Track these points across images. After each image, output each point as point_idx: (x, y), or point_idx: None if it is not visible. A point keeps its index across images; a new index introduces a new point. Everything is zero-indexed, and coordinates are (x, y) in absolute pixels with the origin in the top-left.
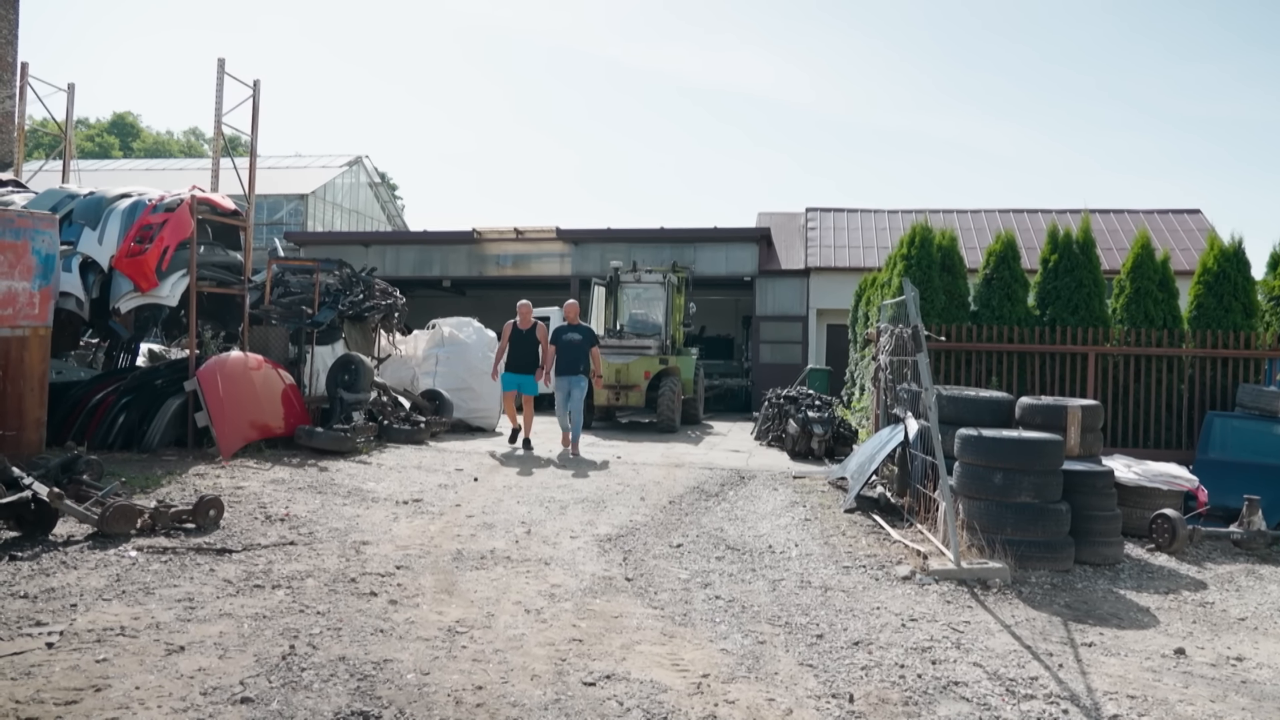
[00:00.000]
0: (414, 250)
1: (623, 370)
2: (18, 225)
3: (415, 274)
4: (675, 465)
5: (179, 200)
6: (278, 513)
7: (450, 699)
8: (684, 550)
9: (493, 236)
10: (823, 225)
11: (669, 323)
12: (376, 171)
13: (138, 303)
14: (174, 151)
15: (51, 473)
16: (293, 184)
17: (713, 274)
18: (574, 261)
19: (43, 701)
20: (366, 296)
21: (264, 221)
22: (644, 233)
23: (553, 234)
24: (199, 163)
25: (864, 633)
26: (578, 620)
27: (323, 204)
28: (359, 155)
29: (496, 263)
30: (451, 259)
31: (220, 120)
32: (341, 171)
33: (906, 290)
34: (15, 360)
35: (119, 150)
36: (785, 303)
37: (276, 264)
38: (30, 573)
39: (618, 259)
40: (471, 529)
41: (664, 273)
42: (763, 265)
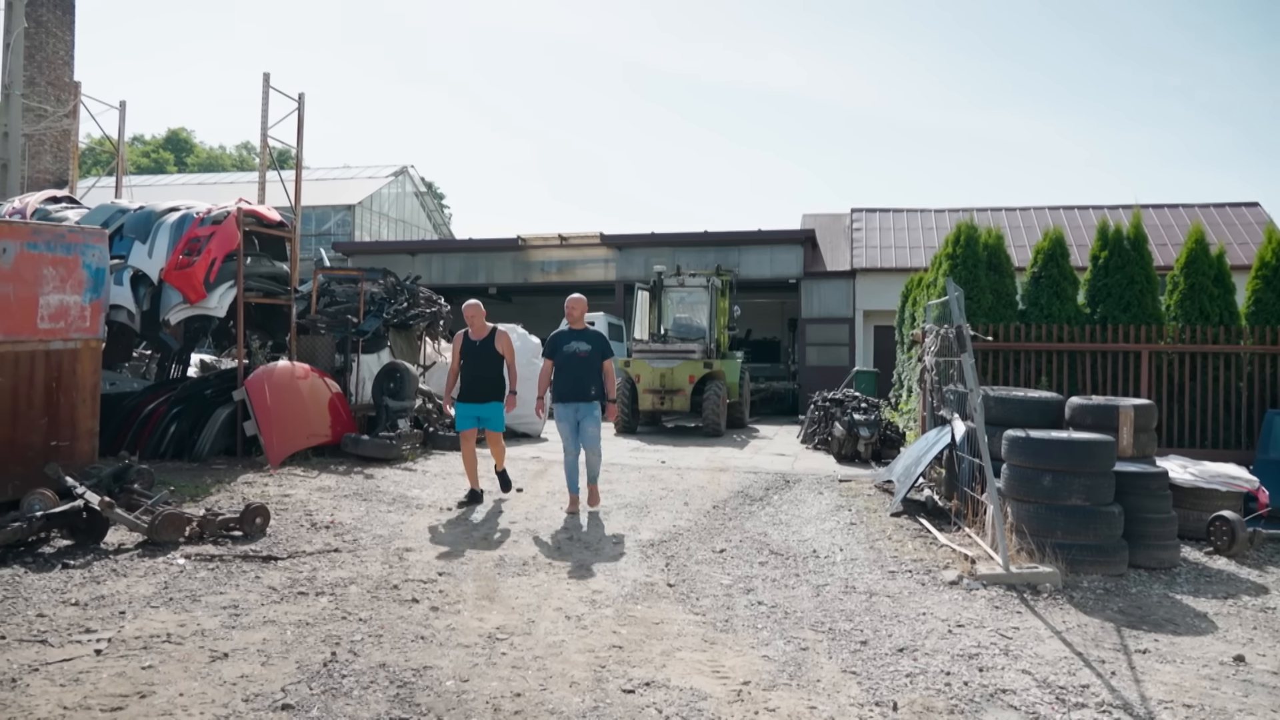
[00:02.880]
0: (460, 258)
1: (667, 374)
2: (69, 240)
3: (461, 281)
4: (720, 469)
5: (225, 213)
6: (323, 520)
7: (489, 706)
8: (727, 555)
9: (537, 243)
10: (868, 226)
11: (713, 326)
12: (422, 181)
13: (187, 314)
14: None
15: (103, 482)
16: (341, 195)
17: (757, 277)
18: (618, 266)
19: (89, 708)
20: (411, 305)
21: (313, 232)
22: (687, 236)
23: (597, 239)
24: (248, 176)
25: (909, 639)
26: (618, 626)
27: (370, 214)
28: (405, 165)
29: (541, 269)
30: (497, 266)
31: (266, 133)
32: (388, 182)
33: (950, 290)
34: (68, 372)
35: (174, 166)
36: (831, 305)
37: (322, 274)
38: (81, 580)
39: (661, 263)
40: (515, 535)
41: (708, 276)
42: (808, 267)
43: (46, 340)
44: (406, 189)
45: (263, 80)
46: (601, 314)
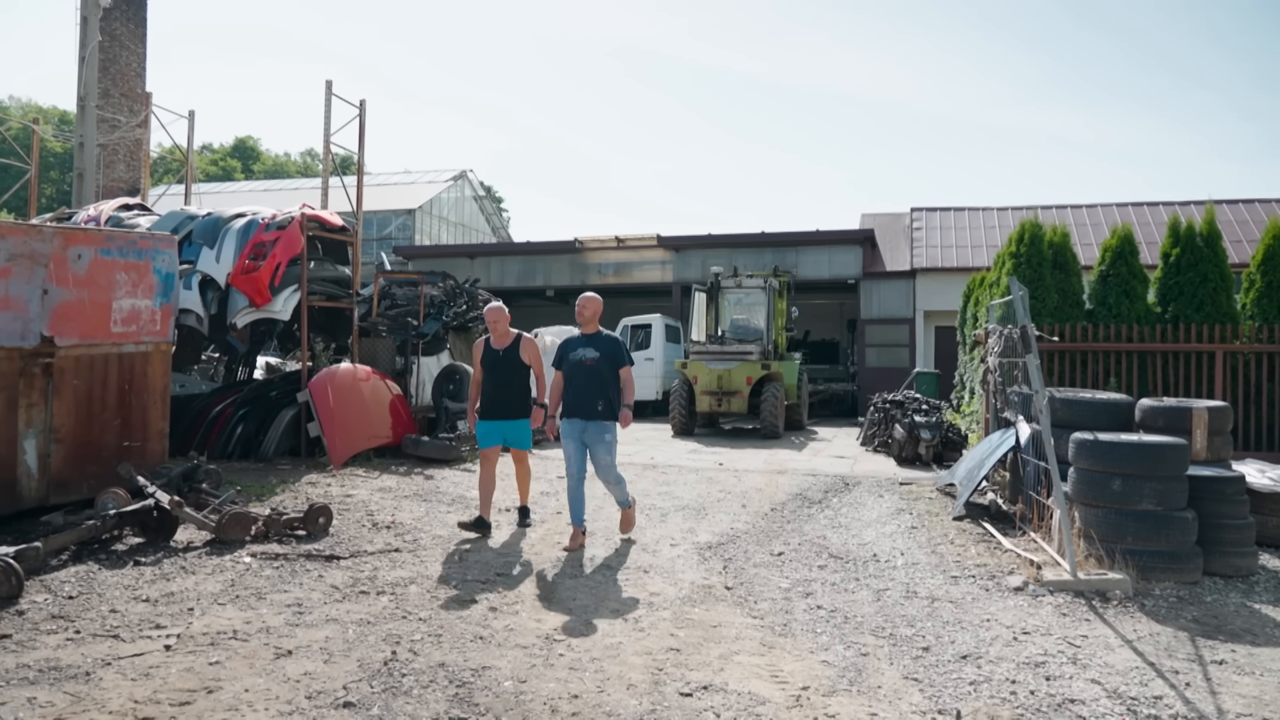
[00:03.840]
0: (518, 261)
1: (724, 376)
2: (140, 246)
3: (519, 284)
4: (778, 472)
5: (290, 218)
6: (384, 520)
7: (546, 707)
8: (785, 558)
9: (594, 245)
10: (928, 225)
11: (771, 328)
12: (481, 185)
13: (253, 317)
14: (291, 172)
15: (173, 481)
16: (401, 200)
17: (815, 277)
18: (675, 268)
19: (159, 702)
20: (470, 307)
21: (374, 237)
22: (744, 238)
23: (653, 241)
24: (312, 182)
25: (973, 646)
26: (676, 629)
27: (430, 218)
28: (464, 170)
29: (598, 271)
30: (554, 269)
31: (328, 140)
32: (447, 186)
33: (1014, 289)
34: (139, 374)
35: (241, 173)
36: (891, 305)
37: (383, 277)
38: (152, 577)
39: (718, 264)
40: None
41: (765, 277)
42: (867, 267)
43: (119, 343)
44: (465, 193)
45: (325, 88)
46: (659, 315)
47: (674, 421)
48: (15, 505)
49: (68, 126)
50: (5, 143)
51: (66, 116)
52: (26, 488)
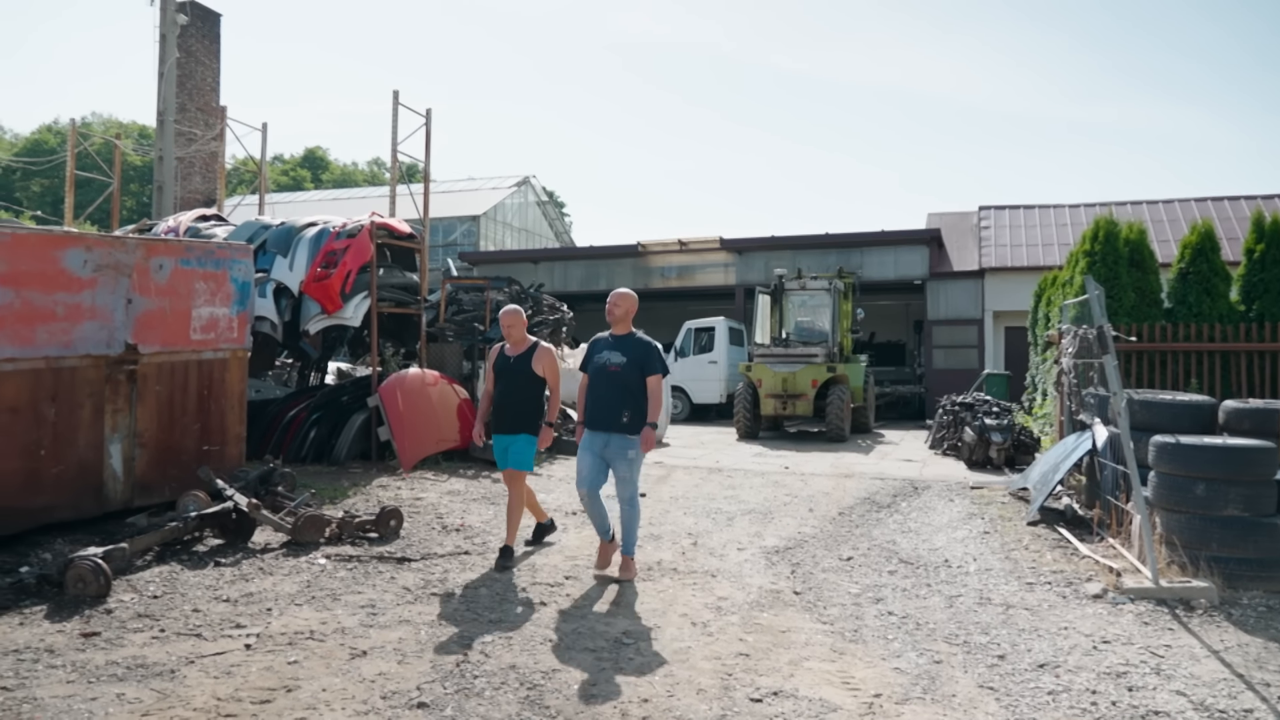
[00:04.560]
0: (581, 265)
1: (789, 379)
2: (218, 256)
3: (583, 288)
4: (845, 475)
5: (360, 227)
6: (454, 523)
7: (616, 711)
8: (854, 563)
9: (657, 249)
10: (997, 224)
11: (836, 329)
12: (544, 190)
13: (325, 324)
14: (359, 181)
15: (250, 485)
16: (465, 206)
17: (881, 278)
18: (738, 271)
19: (240, 700)
20: (535, 311)
21: (440, 243)
22: (808, 239)
23: (716, 244)
24: (379, 190)
25: (1050, 654)
26: (745, 634)
27: (494, 224)
28: (527, 176)
29: (661, 275)
30: (617, 272)
31: (396, 149)
32: (511, 192)
33: (1089, 288)
34: (217, 380)
35: (310, 183)
36: (959, 305)
37: (450, 283)
38: (232, 578)
39: (782, 266)
40: (639, 540)
41: (830, 279)
42: (934, 268)
43: (199, 350)
44: (529, 199)
45: (392, 98)
46: (722, 318)
47: (738, 425)
48: (102, 507)
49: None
50: (89, 157)
51: (145, 131)
52: (112, 490)
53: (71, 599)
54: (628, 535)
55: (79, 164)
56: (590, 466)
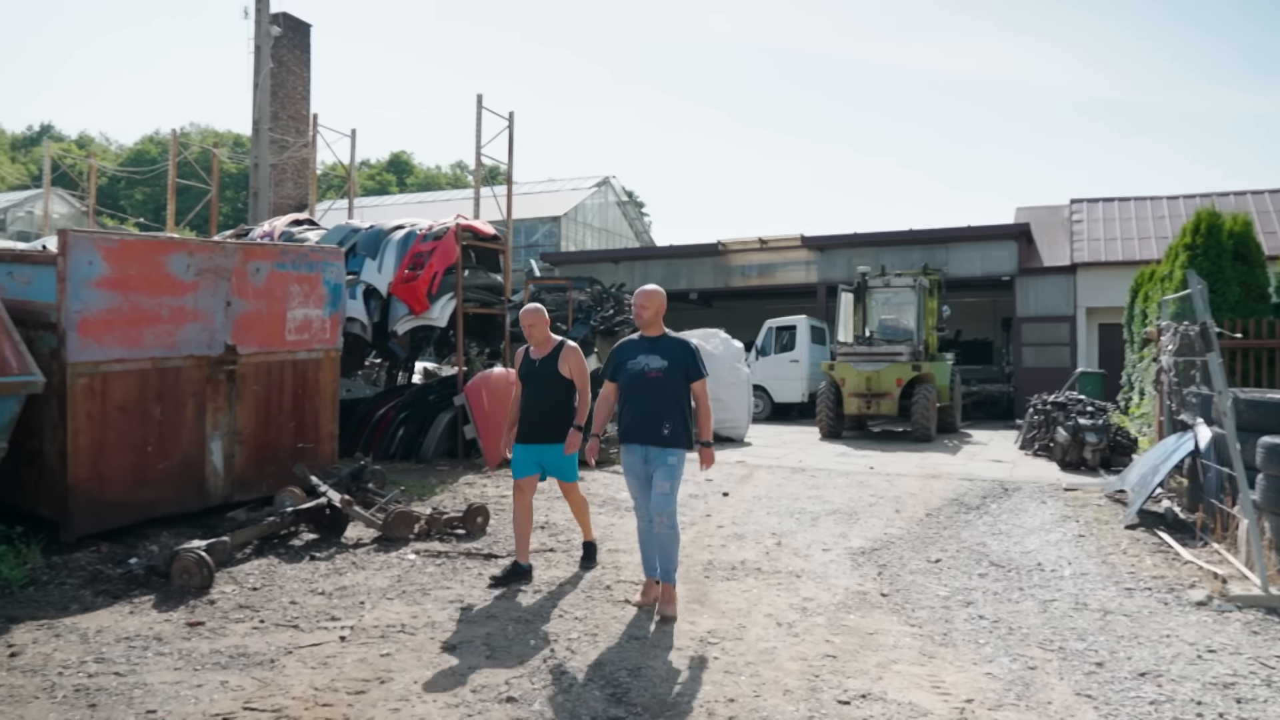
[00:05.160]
0: (661, 265)
1: (873, 378)
2: (311, 259)
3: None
4: (932, 476)
5: (445, 229)
6: (538, 520)
7: (702, 709)
8: (943, 566)
9: (737, 248)
10: (1089, 217)
11: (921, 327)
12: (624, 191)
13: (412, 325)
14: (441, 184)
15: (343, 481)
16: (546, 207)
17: (967, 275)
18: (819, 268)
19: (336, 690)
20: (617, 311)
21: (521, 244)
22: (891, 235)
23: (797, 242)
24: (463, 193)
25: (1152, 663)
26: (831, 635)
27: (574, 224)
28: (607, 176)
29: (742, 273)
30: (697, 271)
31: (480, 152)
32: (591, 193)
33: (1192, 283)
34: (311, 380)
35: (395, 186)
36: (1049, 302)
37: (533, 283)
38: (326, 571)
39: (864, 264)
40: (722, 539)
41: (914, 276)
42: (1023, 263)
43: (293, 351)
44: (609, 199)
45: (476, 102)
46: (803, 316)
47: (821, 424)
48: (204, 502)
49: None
50: (188, 166)
51: (239, 139)
52: (213, 486)
53: (177, 589)
54: (666, 560)
55: (179, 172)
56: (643, 490)
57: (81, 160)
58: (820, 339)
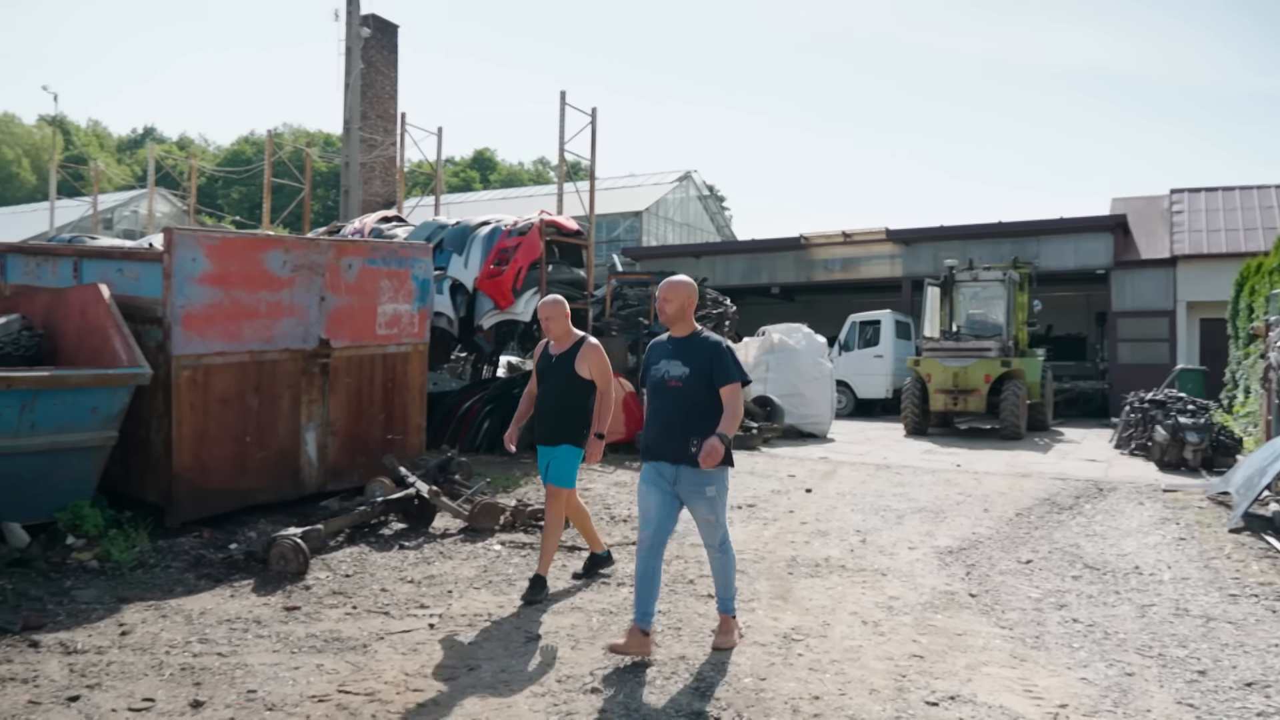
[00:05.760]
0: (742, 259)
1: (960, 374)
2: (400, 255)
3: (744, 282)
4: (1022, 475)
5: (530, 225)
6: (620, 514)
7: (787, 706)
8: (1034, 567)
9: (820, 241)
10: (1190, 208)
11: (1010, 322)
12: (705, 185)
13: (497, 319)
14: (524, 180)
15: (430, 473)
16: (627, 203)
17: (1059, 268)
18: (904, 262)
19: (426, 675)
20: (699, 306)
21: (603, 239)
22: (980, 228)
23: (882, 235)
24: (545, 189)
25: (1259, 673)
26: (918, 635)
27: (655, 219)
28: (688, 171)
29: (824, 267)
30: (779, 266)
31: (563, 148)
32: (672, 187)
33: None
34: (400, 373)
35: (479, 183)
36: (1147, 296)
37: (615, 278)
38: (415, 560)
39: (951, 257)
40: (805, 536)
41: (1004, 269)
42: (1118, 256)
43: (383, 345)
44: (690, 193)
45: (560, 99)
46: (888, 311)
47: (906, 420)
48: (299, 491)
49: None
50: (282, 165)
51: (329, 139)
52: (308, 475)
53: (274, 574)
54: (723, 588)
55: (273, 171)
56: (659, 505)
57: (182, 161)
58: (905, 334)
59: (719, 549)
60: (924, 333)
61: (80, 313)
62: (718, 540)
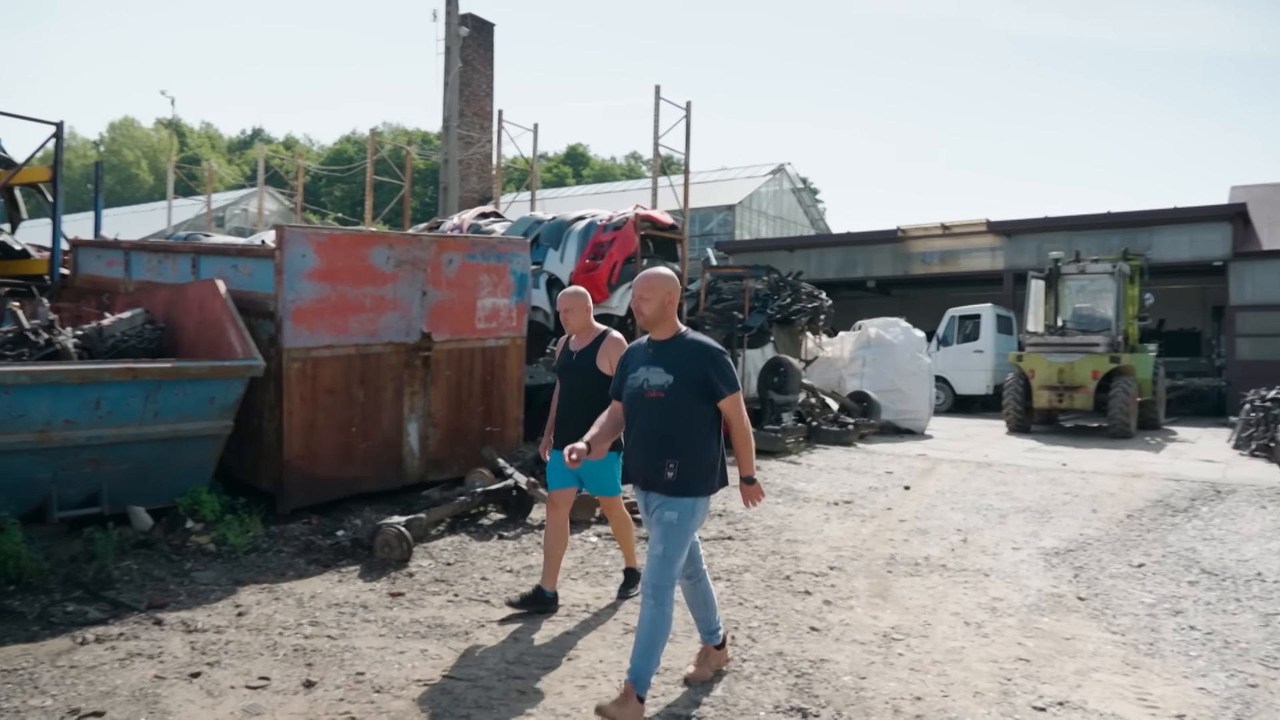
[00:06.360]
0: (837, 252)
1: (1066, 370)
2: (499, 250)
3: (839, 275)
4: (1132, 475)
5: (625, 219)
6: (715, 508)
7: (888, 707)
8: (1147, 571)
9: (918, 234)
10: None
11: (1120, 317)
12: (798, 177)
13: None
14: (616, 175)
15: (528, 464)
16: (720, 196)
17: (1173, 260)
18: (1006, 254)
19: (526, 664)
20: (794, 300)
21: (695, 233)
22: (1086, 219)
23: (982, 227)
24: (638, 184)
25: None
26: (1023, 638)
27: (748, 213)
28: (781, 163)
29: (922, 260)
30: (875, 259)
31: (657, 142)
32: (765, 180)
33: None
34: (498, 366)
35: (572, 178)
36: (1270, 289)
37: (710, 272)
38: (513, 550)
39: (1057, 249)
40: (904, 534)
41: (1113, 261)
42: (1238, 247)
43: (482, 338)
44: (783, 186)
45: (654, 93)
46: (989, 305)
47: (1008, 417)
48: (401, 480)
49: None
50: (382, 163)
51: (427, 137)
52: (410, 466)
53: (379, 561)
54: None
55: (374, 169)
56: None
57: (289, 160)
58: (1007, 328)
59: (651, 596)
60: (1027, 327)
61: (199, 307)
62: (655, 583)
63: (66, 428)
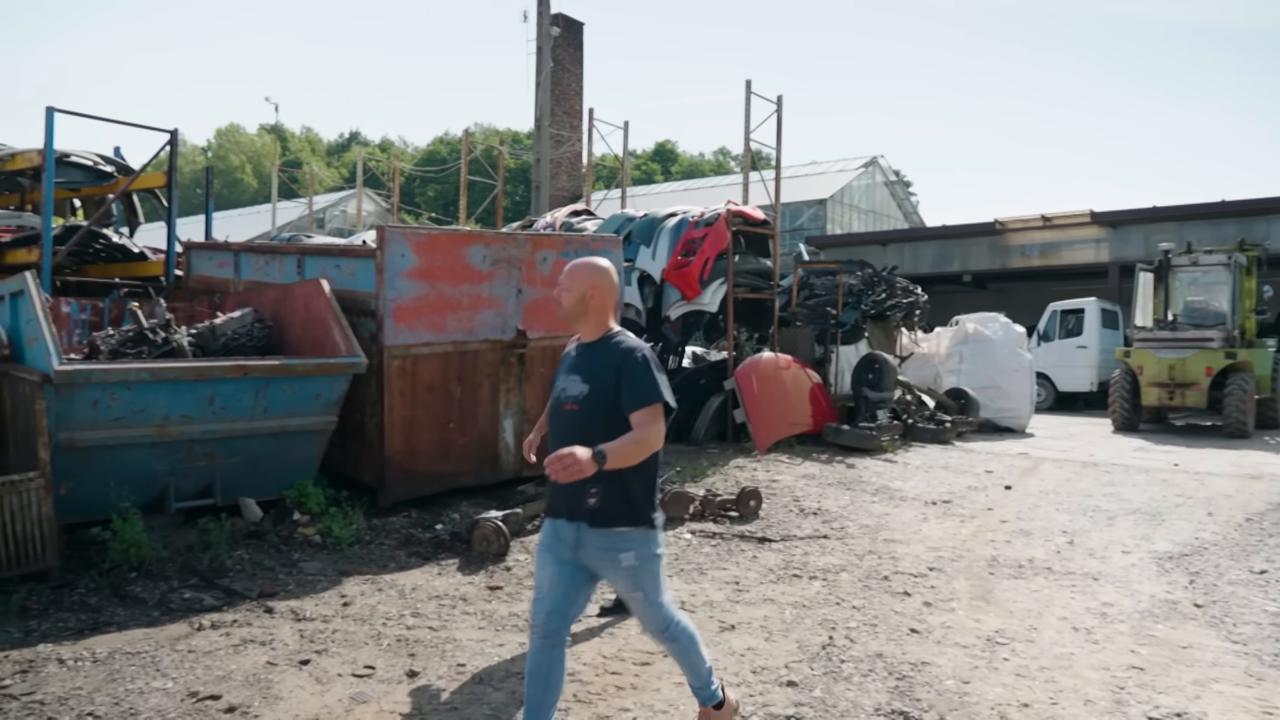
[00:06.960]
0: (932, 246)
1: (1177, 366)
2: (591, 248)
3: (934, 270)
4: (1251, 477)
5: (716, 215)
6: (810, 506)
7: (994, 712)
8: (1269, 578)
9: (1016, 226)
10: None
11: (1236, 310)
12: (891, 170)
13: (684, 310)
14: (704, 171)
15: None
16: (811, 190)
17: None
18: (1111, 246)
19: (623, 659)
20: (888, 295)
21: (786, 229)
22: (1198, 208)
23: (1086, 218)
24: (728, 179)
25: None
26: (1136, 646)
27: (840, 207)
28: (874, 156)
29: (1021, 253)
30: (972, 252)
31: (748, 137)
32: (857, 174)
33: None
34: None
35: (660, 175)
36: None
37: (802, 268)
38: None
39: (1166, 240)
40: (1006, 535)
41: (1228, 253)
42: None
43: None
44: (876, 179)
45: (745, 88)
46: (1093, 299)
47: (1114, 415)
48: (498, 476)
49: (519, 145)
50: (475, 162)
51: (517, 136)
52: (505, 461)
53: (477, 555)
54: (691, 675)
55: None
56: (554, 579)
57: (385, 162)
58: (1112, 323)
59: (662, 635)
60: (1135, 322)
61: (304, 306)
62: (655, 626)
63: (183, 422)
